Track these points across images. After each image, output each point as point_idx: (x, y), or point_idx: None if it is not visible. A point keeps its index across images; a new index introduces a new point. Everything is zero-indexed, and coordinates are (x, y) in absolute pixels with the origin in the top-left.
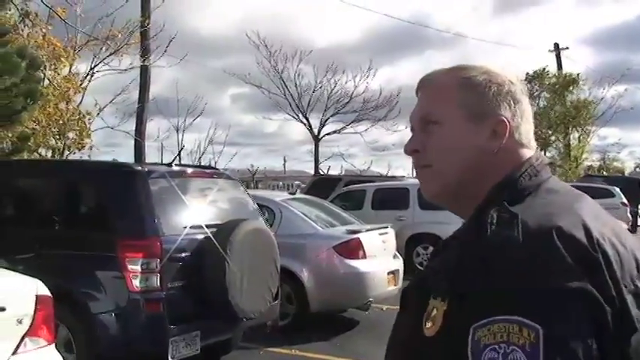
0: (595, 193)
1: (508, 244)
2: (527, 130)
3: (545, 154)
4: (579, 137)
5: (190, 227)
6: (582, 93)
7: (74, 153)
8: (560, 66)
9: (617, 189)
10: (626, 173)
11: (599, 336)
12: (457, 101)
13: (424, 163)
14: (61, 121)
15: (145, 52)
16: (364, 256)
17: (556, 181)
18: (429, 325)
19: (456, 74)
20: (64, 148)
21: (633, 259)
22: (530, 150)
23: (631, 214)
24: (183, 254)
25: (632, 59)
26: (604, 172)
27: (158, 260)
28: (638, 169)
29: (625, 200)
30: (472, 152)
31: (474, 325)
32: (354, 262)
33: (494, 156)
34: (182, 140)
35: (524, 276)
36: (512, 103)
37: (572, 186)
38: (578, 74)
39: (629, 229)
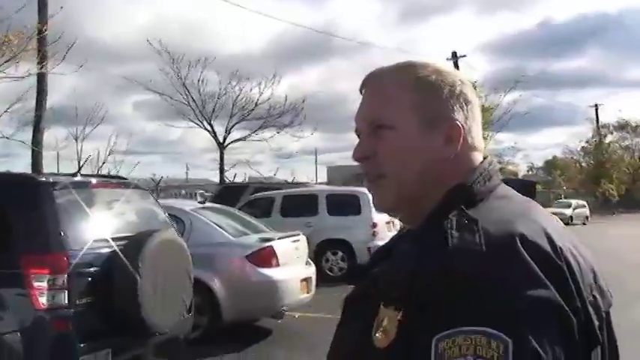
0: None
1: (471, 251)
2: (477, 132)
3: None
4: None
5: (99, 240)
6: (479, 99)
7: None
8: None
9: (514, 191)
10: (520, 176)
11: (566, 348)
12: (410, 104)
13: (377, 172)
14: None
15: (42, 59)
16: (277, 264)
17: (506, 187)
18: (379, 335)
19: (407, 73)
20: None
21: (590, 271)
22: (481, 153)
23: None
24: (93, 269)
25: (527, 66)
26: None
27: (65, 276)
28: (530, 172)
29: None
30: (427, 159)
31: (436, 336)
32: (267, 271)
33: (449, 162)
34: (81, 149)
35: (490, 284)
36: (464, 104)
37: None
38: (475, 81)
39: None
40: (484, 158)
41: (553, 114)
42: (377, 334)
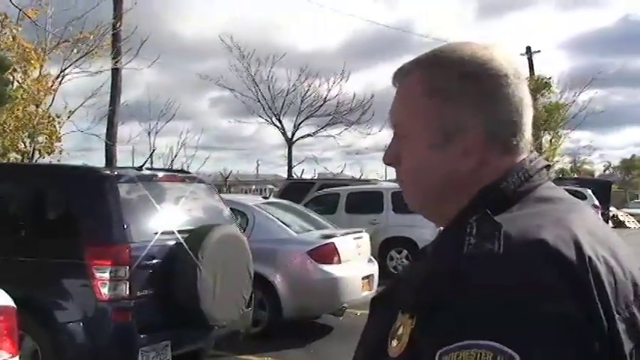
0: None
1: (485, 259)
2: (518, 126)
3: None
4: (551, 140)
5: (161, 233)
6: (554, 96)
7: (44, 157)
8: (532, 69)
9: (589, 191)
10: (596, 175)
11: None
12: (423, 111)
13: (399, 177)
14: (30, 125)
15: (116, 55)
16: (339, 261)
17: (551, 187)
18: (394, 343)
19: (424, 73)
20: (33, 152)
21: (631, 284)
22: (519, 155)
23: (602, 216)
24: (154, 261)
25: (605, 64)
26: (574, 175)
27: (127, 267)
28: (607, 172)
29: (597, 202)
30: (444, 174)
31: (440, 349)
32: (328, 267)
33: (473, 171)
34: (154, 144)
35: (501, 296)
36: (494, 101)
37: None
38: (549, 78)
39: None
40: (528, 156)
41: (632, 112)
42: (392, 342)
